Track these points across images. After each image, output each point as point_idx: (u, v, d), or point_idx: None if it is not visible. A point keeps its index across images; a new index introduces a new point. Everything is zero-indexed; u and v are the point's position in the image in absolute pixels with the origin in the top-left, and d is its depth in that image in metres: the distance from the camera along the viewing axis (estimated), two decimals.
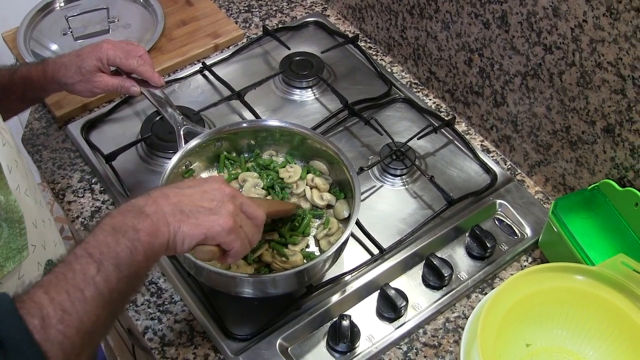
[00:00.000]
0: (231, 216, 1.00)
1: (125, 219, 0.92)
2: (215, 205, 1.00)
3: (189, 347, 1.28)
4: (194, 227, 0.96)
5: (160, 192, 0.98)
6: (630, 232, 1.30)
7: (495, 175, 1.51)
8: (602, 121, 1.30)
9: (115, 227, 0.90)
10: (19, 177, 1.07)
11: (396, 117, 1.65)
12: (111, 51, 1.38)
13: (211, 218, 0.98)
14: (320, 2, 1.97)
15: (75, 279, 0.83)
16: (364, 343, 1.27)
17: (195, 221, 0.97)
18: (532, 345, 1.23)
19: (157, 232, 0.93)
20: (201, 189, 1.02)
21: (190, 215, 0.97)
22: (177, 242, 0.96)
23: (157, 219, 0.94)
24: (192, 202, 0.99)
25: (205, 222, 0.98)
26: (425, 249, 1.39)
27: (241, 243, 1.03)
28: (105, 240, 0.88)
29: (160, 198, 0.97)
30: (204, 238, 0.98)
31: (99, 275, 0.85)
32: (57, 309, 0.80)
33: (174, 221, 0.95)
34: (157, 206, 0.95)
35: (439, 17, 1.57)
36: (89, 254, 0.86)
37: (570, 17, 1.25)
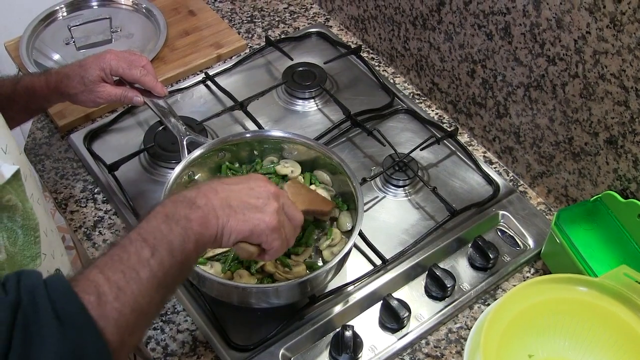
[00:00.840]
0: (276, 215, 1.03)
1: (178, 209, 0.95)
2: (262, 203, 1.03)
3: (192, 357, 1.28)
4: (242, 222, 1.00)
5: (209, 186, 1.01)
6: (633, 244, 1.30)
7: (497, 187, 1.51)
8: (605, 133, 1.30)
9: (169, 215, 0.93)
10: (32, 185, 1.08)
11: (399, 128, 1.65)
12: (114, 61, 1.38)
13: (257, 215, 1.02)
14: (323, 13, 1.98)
15: (130, 261, 0.86)
16: (367, 354, 1.27)
17: (243, 217, 1.00)
18: (535, 356, 1.22)
19: (208, 223, 0.96)
20: (248, 186, 1.05)
21: (238, 211, 1.00)
22: (225, 235, 0.99)
23: (208, 211, 0.97)
24: (240, 198, 1.02)
25: (252, 219, 1.01)
26: (428, 260, 1.39)
27: (281, 243, 1.06)
28: (159, 226, 0.91)
29: (210, 192, 1.00)
30: (250, 234, 1.01)
31: (153, 258, 0.87)
32: (112, 287, 0.82)
33: (223, 215, 0.98)
34: (207, 199, 0.98)
35: (442, 28, 1.57)
36: (144, 238, 0.89)
37: (574, 29, 1.26)
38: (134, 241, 0.89)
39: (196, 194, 0.98)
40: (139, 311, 0.85)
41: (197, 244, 0.94)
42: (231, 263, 1.29)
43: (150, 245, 0.89)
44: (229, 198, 1.00)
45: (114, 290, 0.83)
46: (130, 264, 0.86)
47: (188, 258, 0.93)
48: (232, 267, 1.28)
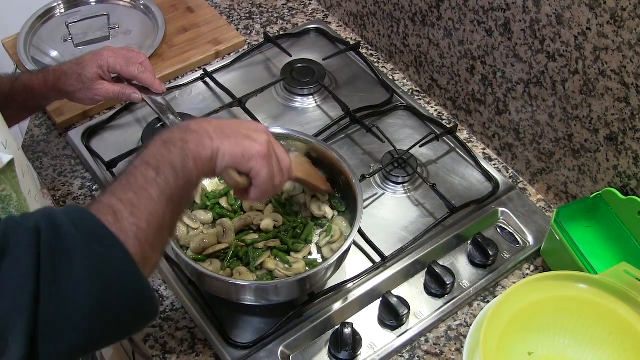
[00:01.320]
0: (266, 144, 1.07)
1: (173, 134, 0.99)
2: (252, 133, 1.07)
3: (191, 354, 1.28)
4: (234, 145, 1.03)
5: (200, 119, 1.09)
6: (633, 241, 1.29)
7: (497, 183, 1.51)
8: (605, 129, 1.30)
9: (166, 140, 0.97)
10: (30, 182, 1.09)
11: (398, 124, 1.64)
12: (112, 58, 1.38)
13: (248, 141, 1.05)
14: (322, 9, 1.97)
15: (138, 182, 0.91)
16: (366, 351, 1.27)
17: (235, 141, 1.03)
18: (535, 353, 1.22)
19: (203, 144, 1.00)
20: (239, 121, 1.11)
21: (231, 136, 1.03)
22: (219, 157, 1.02)
23: (202, 133, 1.01)
24: (231, 127, 1.06)
25: (244, 143, 1.04)
26: (427, 257, 1.38)
27: (268, 173, 1.08)
28: (159, 151, 0.96)
29: (202, 121, 1.04)
30: (241, 157, 1.04)
31: (159, 177, 0.92)
32: (126, 205, 0.88)
33: (217, 137, 1.02)
34: (201, 125, 1.02)
35: (442, 25, 1.57)
36: (146, 162, 0.94)
37: (574, 25, 1.25)
38: (137, 166, 0.93)
39: (190, 122, 1.03)
40: (155, 225, 0.90)
41: (196, 162, 0.98)
42: (230, 260, 1.28)
43: (153, 167, 0.93)
44: (221, 125, 1.05)
45: (128, 207, 0.88)
46: (139, 184, 0.91)
47: (190, 176, 0.97)
48: (231, 264, 1.28)
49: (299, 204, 1.38)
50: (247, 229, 1.34)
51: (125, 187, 0.90)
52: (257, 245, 1.30)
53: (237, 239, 1.31)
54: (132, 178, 0.92)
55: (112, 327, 0.86)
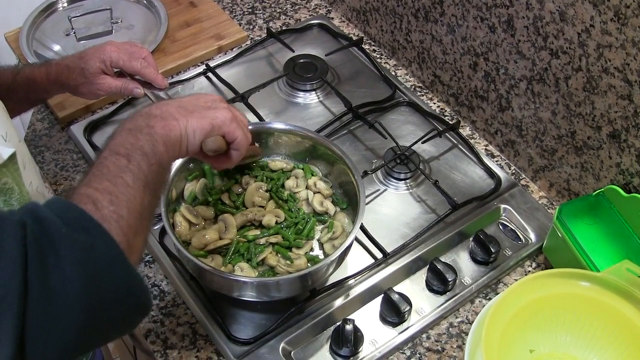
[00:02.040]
0: (228, 109, 1.11)
1: (137, 122, 1.00)
2: (211, 105, 1.10)
3: (192, 350, 1.28)
4: (200, 119, 1.05)
5: (159, 102, 1.08)
6: (635, 239, 1.29)
7: (499, 180, 1.51)
8: (608, 127, 1.30)
9: (131, 128, 0.98)
10: (31, 173, 1.09)
11: (400, 120, 1.64)
12: (114, 53, 1.38)
13: (212, 112, 1.08)
14: (325, 5, 1.97)
15: (111, 171, 0.91)
16: (367, 347, 1.27)
17: (199, 114, 1.06)
18: (536, 351, 1.22)
19: (169, 126, 1.01)
20: (194, 97, 1.11)
21: (194, 111, 1.06)
22: (189, 134, 1.04)
23: (166, 116, 1.02)
24: (191, 103, 1.08)
25: (208, 114, 1.07)
26: (429, 254, 1.38)
27: (242, 133, 1.13)
28: (126, 139, 0.96)
29: (162, 104, 1.05)
30: (211, 128, 1.07)
31: (131, 164, 0.93)
32: (104, 194, 0.88)
33: (181, 117, 1.03)
34: (162, 109, 1.03)
35: (444, 21, 1.56)
36: (116, 152, 0.94)
37: (577, 22, 1.25)
38: (107, 157, 0.94)
39: (149, 108, 1.04)
40: (134, 211, 0.90)
41: (166, 145, 0.99)
42: (232, 256, 1.28)
43: (123, 155, 0.94)
44: (182, 104, 1.06)
45: (107, 195, 0.88)
46: (112, 173, 0.91)
47: (161, 159, 0.98)
48: (232, 260, 1.28)
49: (301, 199, 1.38)
50: (248, 224, 1.34)
51: (99, 177, 0.90)
52: (258, 241, 1.30)
53: (238, 235, 1.31)
54: (104, 168, 0.92)
55: (104, 322, 0.84)
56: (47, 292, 0.77)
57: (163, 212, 1.24)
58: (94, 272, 0.81)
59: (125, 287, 0.85)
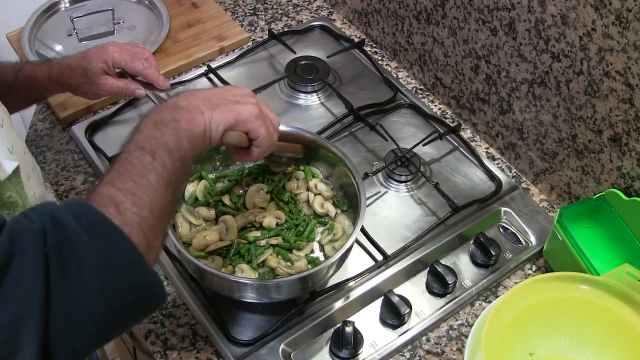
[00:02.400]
0: (256, 105, 1.10)
1: (164, 114, 1.00)
2: (240, 99, 1.10)
3: (192, 351, 1.28)
4: (225, 112, 1.05)
5: (187, 92, 1.07)
6: (636, 242, 1.29)
7: (500, 183, 1.51)
8: (609, 130, 1.30)
9: (157, 121, 0.99)
10: (35, 184, 1.09)
11: (401, 122, 1.64)
12: (117, 53, 1.38)
13: (238, 106, 1.08)
14: (326, 6, 1.97)
15: (136, 169, 0.92)
16: (367, 349, 1.27)
17: (225, 108, 1.06)
18: (536, 354, 1.22)
19: (194, 120, 1.01)
20: (223, 89, 1.12)
21: (220, 104, 1.06)
22: (212, 128, 1.04)
23: (192, 109, 1.02)
24: (218, 95, 1.08)
25: (234, 108, 1.07)
26: (430, 256, 1.38)
27: (266, 131, 1.12)
28: (152, 133, 0.97)
29: (189, 95, 1.06)
30: (235, 122, 1.07)
31: (155, 161, 0.93)
32: (127, 195, 0.88)
33: (207, 110, 1.04)
34: (188, 100, 1.04)
35: (446, 23, 1.56)
36: (141, 147, 0.95)
37: (579, 26, 1.25)
38: (132, 152, 0.94)
39: (177, 99, 1.04)
40: (157, 212, 0.91)
41: (190, 141, 1.00)
42: (232, 257, 1.28)
43: (148, 151, 0.94)
44: (208, 96, 1.07)
45: (129, 197, 0.88)
46: (137, 171, 0.91)
47: (185, 155, 0.99)
48: (233, 261, 1.28)
49: (301, 201, 1.38)
50: (249, 226, 1.34)
51: (123, 175, 0.91)
52: (259, 243, 1.30)
53: (239, 237, 1.31)
54: (129, 165, 0.92)
55: (122, 320, 0.87)
56: (69, 299, 0.78)
57: None
58: (114, 278, 0.83)
59: (143, 289, 0.87)
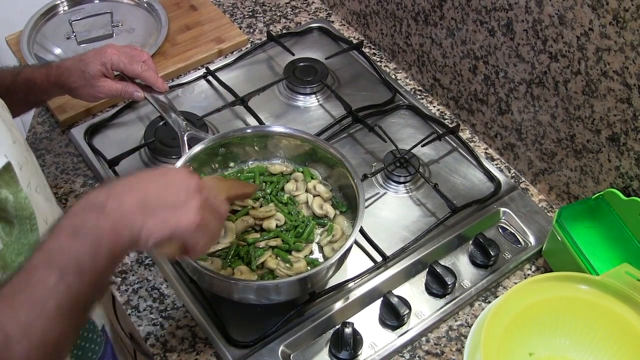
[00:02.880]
0: (198, 212, 0.94)
1: (86, 219, 0.86)
2: (183, 200, 0.93)
3: (191, 353, 1.28)
4: (160, 224, 0.90)
5: (123, 184, 0.91)
6: (635, 242, 1.29)
7: (499, 183, 1.51)
8: (607, 130, 1.30)
9: (76, 227, 0.85)
10: (29, 174, 1.05)
11: (400, 124, 1.64)
12: (115, 56, 1.38)
13: (178, 214, 0.92)
14: (325, 8, 1.97)
15: (36, 292, 0.81)
16: (367, 351, 1.27)
17: (162, 217, 0.91)
18: (535, 354, 1.22)
19: (120, 231, 0.87)
20: (166, 181, 0.95)
21: (156, 211, 0.90)
22: (142, 239, 0.89)
23: (120, 216, 0.87)
24: (158, 195, 0.92)
25: (172, 219, 0.91)
26: (429, 257, 1.38)
27: (206, 240, 0.98)
28: (66, 243, 0.84)
29: (123, 192, 0.90)
30: (170, 236, 0.92)
31: (60, 283, 0.81)
32: (19, 326, 0.79)
33: (139, 218, 0.89)
34: (119, 202, 0.88)
35: (444, 24, 1.57)
36: (49, 261, 0.83)
37: (577, 26, 1.25)
38: (38, 267, 0.82)
39: (107, 196, 0.88)
40: (49, 344, 0.81)
41: (110, 256, 0.86)
42: (231, 259, 1.28)
43: (55, 268, 0.82)
44: (145, 197, 0.90)
45: (21, 329, 0.78)
46: (35, 296, 0.80)
47: (100, 275, 0.86)
48: (232, 263, 1.28)
49: (300, 203, 1.38)
50: (249, 229, 1.34)
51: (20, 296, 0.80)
52: (258, 245, 1.30)
53: (238, 238, 1.31)
54: (29, 286, 0.81)
55: None
56: None
57: None
58: None
59: None
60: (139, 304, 1.34)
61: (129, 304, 1.35)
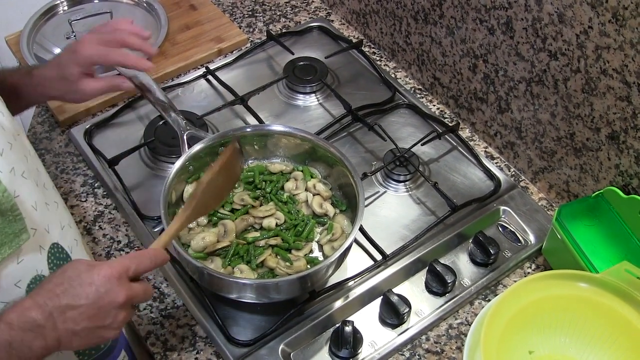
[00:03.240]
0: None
1: (24, 337, 0.92)
2: (109, 322, 0.99)
3: (191, 352, 1.28)
4: (83, 346, 0.99)
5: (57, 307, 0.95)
6: (634, 240, 1.29)
7: (499, 182, 1.51)
8: (606, 128, 1.30)
9: (12, 344, 0.91)
10: (14, 159, 1.01)
11: (400, 122, 1.64)
12: (89, 51, 1.27)
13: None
14: (324, 7, 1.97)
15: None
16: (367, 349, 1.27)
17: (86, 341, 0.99)
18: (535, 352, 1.22)
19: (49, 351, 0.95)
20: (97, 304, 0.98)
21: (83, 336, 0.97)
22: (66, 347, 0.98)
23: (51, 341, 0.94)
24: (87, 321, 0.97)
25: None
26: (429, 255, 1.38)
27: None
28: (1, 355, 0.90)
29: (58, 317, 0.95)
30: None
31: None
32: None
33: (66, 342, 0.96)
34: (53, 325, 0.94)
35: (444, 23, 1.57)
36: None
37: (576, 24, 1.25)
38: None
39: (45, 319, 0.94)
40: None
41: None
42: (231, 258, 1.28)
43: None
44: (75, 324, 0.96)
45: None
46: None
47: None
48: (232, 262, 1.28)
49: (300, 201, 1.38)
50: (248, 228, 1.34)
51: None
52: (258, 243, 1.31)
53: (238, 237, 1.31)
54: None
55: None
56: None
57: (163, 215, 1.24)
58: None
59: None
60: None
61: None
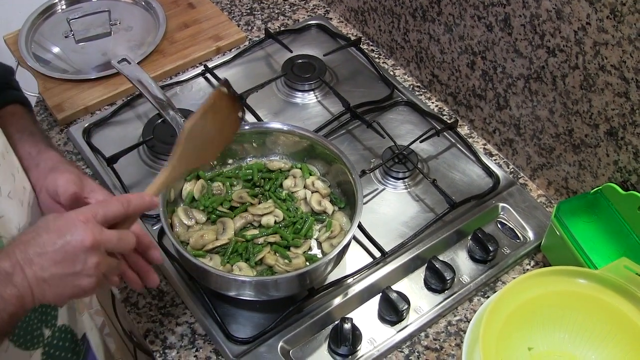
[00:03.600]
0: (95, 275, 0.97)
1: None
2: (79, 267, 0.95)
3: (191, 349, 1.28)
4: (60, 294, 0.96)
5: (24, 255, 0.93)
6: (633, 236, 1.29)
7: (497, 179, 1.51)
8: (605, 124, 1.30)
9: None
10: (0, 179, 1.03)
11: (398, 120, 1.64)
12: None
13: (75, 283, 0.96)
14: (323, 5, 1.97)
15: None
16: (366, 346, 1.27)
17: (60, 289, 0.95)
18: (535, 348, 1.22)
19: (24, 300, 0.93)
20: (63, 248, 0.94)
21: (53, 284, 0.94)
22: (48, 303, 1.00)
23: (23, 290, 0.92)
24: (55, 267, 0.94)
25: (69, 289, 0.96)
26: (428, 252, 1.38)
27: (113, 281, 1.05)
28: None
29: (25, 264, 0.93)
30: (71, 298, 0.99)
31: None
32: None
33: (39, 292, 0.94)
34: (22, 274, 0.92)
35: (442, 20, 1.57)
36: None
37: (574, 20, 1.25)
38: None
39: (12, 267, 0.92)
40: None
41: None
42: (230, 255, 1.28)
43: None
44: (43, 270, 0.93)
45: None
46: None
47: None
48: (231, 260, 1.28)
49: (299, 199, 1.39)
50: (247, 226, 1.34)
51: None
52: (257, 241, 1.31)
53: (237, 235, 1.31)
54: None
55: None
56: None
57: (161, 213, 1.24)
58: None
59: None
60: (138, 301, 1.35)
61: (128, 302, 1.35)
